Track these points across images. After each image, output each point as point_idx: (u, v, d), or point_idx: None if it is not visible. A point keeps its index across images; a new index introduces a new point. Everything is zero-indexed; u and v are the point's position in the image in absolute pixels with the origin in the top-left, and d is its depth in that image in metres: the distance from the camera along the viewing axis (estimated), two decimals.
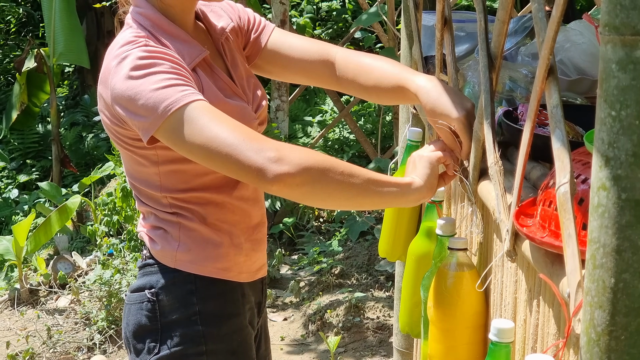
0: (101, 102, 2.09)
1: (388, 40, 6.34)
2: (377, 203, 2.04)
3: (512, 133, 2.13)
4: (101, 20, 9.34)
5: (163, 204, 2.15)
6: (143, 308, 2.17)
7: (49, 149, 8.41)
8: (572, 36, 2.65)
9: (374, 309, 5.28)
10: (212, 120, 1.91)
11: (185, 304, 2.15)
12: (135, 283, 2.23)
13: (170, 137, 1.95)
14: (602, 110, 1.09)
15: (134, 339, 2.20)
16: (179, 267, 2.15)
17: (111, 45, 2.10)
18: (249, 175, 1.87)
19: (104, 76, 2.06)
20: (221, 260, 2.17)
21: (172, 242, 2.15)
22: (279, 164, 1.85)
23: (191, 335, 2.14)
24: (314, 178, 1.89)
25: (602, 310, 1.12)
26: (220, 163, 1.90)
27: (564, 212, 1.36)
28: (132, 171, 2.16)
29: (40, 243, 5.95)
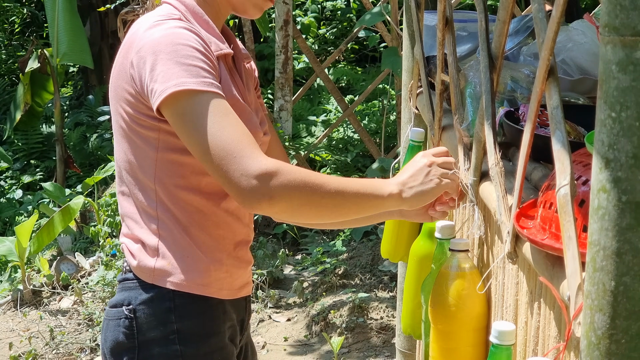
0: (119, 69, 2.05)
1: (392, 39, 6.33)
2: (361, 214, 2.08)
3: (513, 134, 2.12)
4: (105, 20, 9.35)
5: (150, 198, 2.07)
6: (120, 325, 2.11)
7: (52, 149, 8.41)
8: (575, 36, 2.64)
9: (377, 310, 5.27)
10: (224, 118, 1.92)
11: (163, 322, 2.08)
12: (114, 298, 2.16)
13: (178, 115, 1.94)
14: (602, 111, 1.09)
15: (111, 356, 2.14)
16: (157, 283, 2.08)
17: (139, 20, 2.09)
18: (230, 189, 1.91)
19: (129, 42, 2.03)
20: (201, 275, 2.09)
21: (149, 256, 2.08)
22: (258, 194, 1.88)
23: (169, 354, 2.08)
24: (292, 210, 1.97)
25: (603, 313, 1.11)
26: (211, 164, 1.91)
27: (564, 214, 1.35)
28: (129, 156, 2.08)
29: (44, 244, 5.95)
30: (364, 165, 7.74)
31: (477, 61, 2.44)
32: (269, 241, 6.30)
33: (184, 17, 2.06)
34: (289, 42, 6.73)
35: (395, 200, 2.03)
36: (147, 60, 1.95)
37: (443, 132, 2.59)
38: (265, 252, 5.95)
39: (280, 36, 6.71)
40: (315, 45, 9.73)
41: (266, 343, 5.13)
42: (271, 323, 5.38)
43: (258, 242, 6.11)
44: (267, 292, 5.63)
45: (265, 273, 5.73)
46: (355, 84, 9.26)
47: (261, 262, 5.88)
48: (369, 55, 9.93)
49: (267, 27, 6.91)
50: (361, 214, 2.07)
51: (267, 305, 5.56)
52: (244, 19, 6.79)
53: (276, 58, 6.83)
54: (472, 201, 2.10)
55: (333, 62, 9.14)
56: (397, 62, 5.38)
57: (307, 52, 6.98)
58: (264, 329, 5.31)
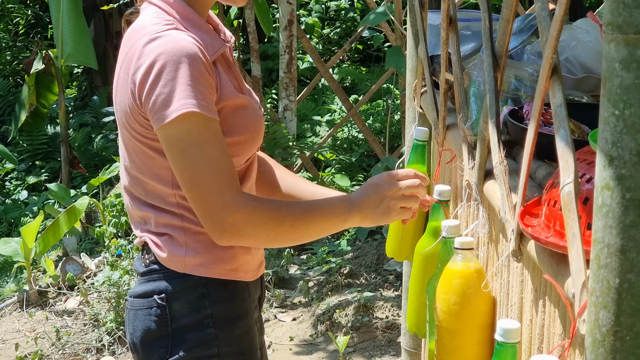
0: (121, 85, 2.08)
1: (395, 39, 6.33)
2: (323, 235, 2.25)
3: (517, 132, 2.12)
4: (109, 21, 9.35)
5: (170, 203, 2.12)
6: (152, 314, 2.16)
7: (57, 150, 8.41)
8: (578, 34, 2.64)
9: (383, 309, 5.27)
10: (211, 149, 1.99)
11: (197, 308, 2.14)
12: (138, 288, 2.20)
13: (165, 145, 2.01)
14: (606, 109, 1.09)
15: (142, 345, 2.19)
16: (188, 272, 2.13)
17: (134, 29, 2.09)
18: (201, 220, 2.04)
19: (129, 57, 2.04)
20: (230, 261, 2.16)
21: (179, 247, 2.13)
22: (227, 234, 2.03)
23: (203, 339, 2.14)
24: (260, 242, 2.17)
25: (607, 310, 1.11)
26: (185, 189, 2.03)
27: (569, 211, 1.36)
28: (142, 166, 2.12)
29: (49, 244, 5.95)
30: (368, 164, 7.74)
31: (481, 60, 2.44)
32: None
33: (175, 20, 2.07)
34: (293, 42, 6.74)
35: (354, 222, 2.16)
36: (148, 80, 1.97)
37: (447, 131, 2.59)
38: (270, 251, 5.96)
39: (285, 36, 6.71)
40: (319, 45, 9.74)
41: (272, 343, 5.13)
42: (277, 323, 5.39)
43: None
44: (272, 291, 5.63)
45: (270, 273, 5.73)
46: (360, 83, 9.26)
47: (266, 262, 5.88)
48: (373, 54, 9.93)
49: (271, 27, 6.91)
50: (324, 235, 2.25)
51: (272, 305, 5.56)
52: (248, 19, 6.79)
53: (280, 58, 6.83)
54: (477, 200, 2.10)
55: (337, 62, 9.14)
56: (401, 62, 5.38)
57: (311, 52, 6.99)
58: (270, 328, 5.32)
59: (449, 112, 2.61)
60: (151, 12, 2.10)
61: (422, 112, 3.15)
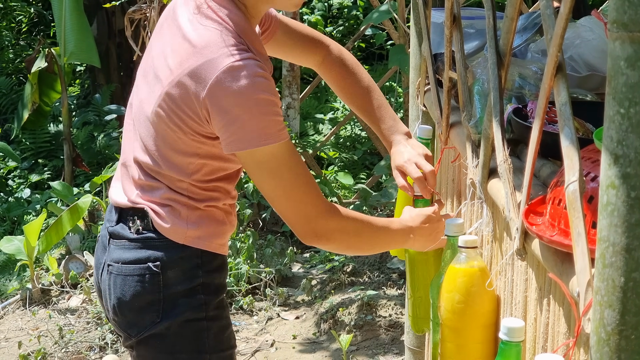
0: (178, 88, 2.15)
1: (399, 37, 6.32)
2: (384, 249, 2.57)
3: (521, 130, 2.12)
4: (112, 19, 9.33)
5: (180, 187, 2.25)
6: (145, 280, 2.27)
7: (60, 148, 8.40)
8: (582, 32, 2.64)
9: (386, 307, 5.27)
10: (296, 166, 2.18)
11: (191, 277, 2.28)
12: (128, 254, 2.29)
13: (251, 164, 2.17)
14: (611, 107, 1.09)
15: (131, 310, 2.29)
16: (187, 243, 2.27)
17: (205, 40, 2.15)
18: (292, 228, 2.25)
19: (201, 68, 2.11)
20: (222, 236, 2.33)
21: (181, 220, 2.26)
22: (317, 237, 2.24)
23: (193, 303, 2.28)
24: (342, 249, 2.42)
25: (612, 309, 1.11)
26: (277, 204, 2.22)
27: (573, 210, 1.36)
28: (166, 154, 2.23)
29: (52, 243, 5.95)
30: (371, 162, 7.73)
31: (485, 58, 2.44)
32: (277, 239, 6.30)
33: (244, 43, 2.16)
34: None
35: (408, 246, 2.46)
36: (227, 109, 2.09)
37: (451, 129, 2.59)
38: (273, 250, 5.95)
39: None
40: None
41: (275, 341, 5.13)
42: (280, 321, 5.39)
43: (266, 240, 6.12)
44: (275, 290, 5.63)
45: (273, 271, 5.73)
46: None
47: (269, 260, 5.88)
48: (375, 53, 9.92)
49: None
50: (384, 251, 2.57)
51: (275, 303, 5.56)
52: None
53: None
54: (481, 198, 2.10)
55: None
56: (405, 60, 5.37)
57: None
58: (273, 326, 5.31)
59: (452, 110, 2.61)
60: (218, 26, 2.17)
61: (426, 110, 3.15)
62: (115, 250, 2.32)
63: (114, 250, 2.33)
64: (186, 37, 2.18)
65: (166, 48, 2.24)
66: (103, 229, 2.41)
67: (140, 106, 2.29)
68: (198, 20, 2.19)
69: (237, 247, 5.81)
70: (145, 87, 2.29)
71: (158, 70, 2.23)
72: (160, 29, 2.33)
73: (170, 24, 2.28)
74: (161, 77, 2.21)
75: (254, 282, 5.70)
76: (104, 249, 2.37)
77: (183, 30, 2.20)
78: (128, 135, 2.36)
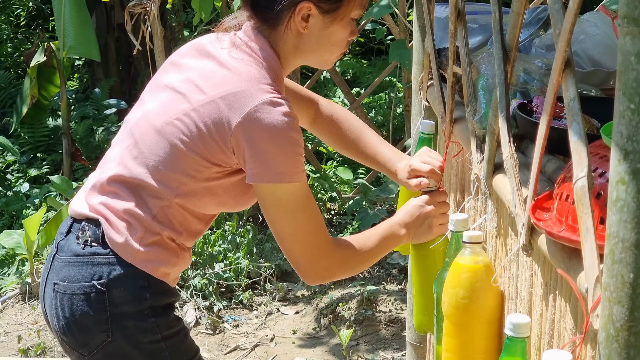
0: (210, 108, 2.18)
1: (399, 32, 6.31)
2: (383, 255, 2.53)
3: (526, 126, 2.11)
4: (111, 13, 9.32)
5: (154, 205, 2.24)
6: (91, 299, 2.24)
7: (59, 142, 8.39)
8: (587, 27, 2.64)
9: (386, 302, 5.27)
10: (311, 209, 2.24)
11: (138, 298, 2.25)
12: (72, 271, 2.27)
13: (269, 199, 2.21)
14: (621, 103, 1.08)
15: (80, 330, 2.26)
16: (134, 263, 2.24)
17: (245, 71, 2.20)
18: (296, 269, 2.31)
19: (239, 95, 2.15)
20: (170, 267, 2.30)
21: (135, 239, 2.24)
22: (318, 277, 2.32)
23: (145, 327, 2.26)
24: (344, 277, 2.48)
25: (621, 305, 1.11)
26: (286, 242, 2.26)
27: (582, 206, 1.35)
28: (164, 166, 2.22)
29: (52, 237, 5.93)
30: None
31: (489, 53, 2.43)
32: None
33: (273, 81, 2.21)
34: None
35: (404, 241, 2.48)
36: (259, 140, 2.13)
37: (455, 124, 2.59)
38: (273, 244, 5.95)
39: None
40: None
41: (275, 336, 5.13)
42: (280, 316, 5.39)
43: (266, 235, 6.12)
44: (275, 285, 5.63)
45: (273, 266, 5.73)
46: (362, 76, 9.25)
47: (269, 255, 5.88)
48: (374, 47, 9.91)
49: None
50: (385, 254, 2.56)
51: (275, 298, 5.56)
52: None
53: None
54: (485, 194, 2.10)
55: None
56: (405, 55, 5.37)
57: None
58: (273, 321, 5.32)
59: (455, 105, 2.60)
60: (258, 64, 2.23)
61: (428, 105, 3.14)
62: (61, 267, 2.30)
63: (59, 268, 2.30)
64: (224, 65, 2.22)
65: (192, 73, 2.26)
66: (53, 244, 2.38)
67: (146, 117, 2.28)
68: (234, 54, 2.24)
69: (236, 242, 5.81)
70: (154, 102, 2.30)
71: (182, 89, 2.25)
72: (177, 60, 2.36)
73: (196, 55, 2.31)
74: (188, 96, 2.21)
75: (253, 277, 5.70)
76: (48, 263, 2.35)
77: (219, 60, 2.24)
78: (112, 149, 2.37)
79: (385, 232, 2.43)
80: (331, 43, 2.28)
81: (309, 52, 2.30)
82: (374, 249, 2.40)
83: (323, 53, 2.31)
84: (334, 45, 2.29)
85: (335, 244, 2.31)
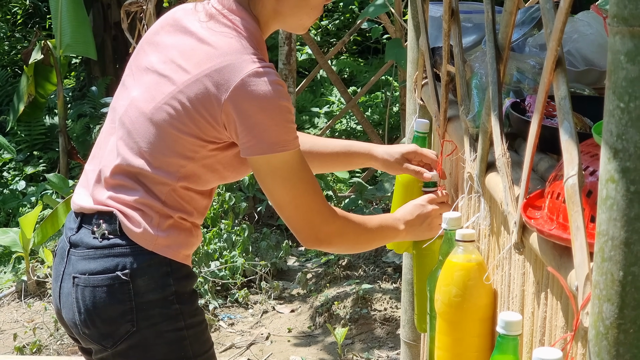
0: (197, 88, 2.17)
1: (395, 31, 6.32)
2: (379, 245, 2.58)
3: (519, 125, 2.12)
4: (107, 12, 9.32)
5: (161, 191, 2.24)
6: (115, 290, 2.22)
7: (55, 140, 8.40)
8: (580, 27, 2.64)
9: (381, 301, 5.27)
10: (306, 174, 2.24)
11: (162, 285, 2.24)
12: (94, 264, 2.24)
13: (264, 170, 2.21)
14: (611, 102, 1.09)
15: (104, 321, 2.24)
16: (156, 251, 2.24)
17: (226, 45, 2.20)
18: (296, 233, 2.32)
19: (224, 71, 2.15)
20: (188, 247, 2.31)
21: (152, 226, 2.23)
22: (319, 242, 2.32)
23: (170, 314, 2.25)
24: (341, 250, 2.51)
25: (611, 303, 1.11)
26: (285, 210, 2.27)
27: (572, 204, 1.36)
28: (158, 153, 2.22)
29: (48, 235, 5.94)
30: None
31: (483, 52, 2.44)
32: (272, 232, 6.30)
33: (258, 53, 2.20)
34: (293, 34, 6.72)
35: (402, 237, 2.51)
36: (249, 113, 2.14)
37: (448, 123, 2.59)
38: (268, 243, 5.96)
39: None
40: (317, 36, 9.72)
41: (270, 334, 5.13)
42: (275, 314, 5.39)
43: (262, 233, 6.12)
44: (270, 283, 5.63)
45: (269, 264, 5.73)
46: (358, 75, 9.25)
47: (265, 254, 5.88)
48: (371, 46, 9.91)
49: None
50: (378, 246, 2.60)
51: (270, 297, 5.57)
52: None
53: (279, 49, 6.82)
54: (478, 192, 2.10)
55: (335, 54, 9.13)
56: (401, 54, 5.37)
57: (310, 44, 6.98)
58: (268, 320, 5.32)
59: (450, 104, 2.61)
60: (237, 34, 2.22)
61: (423, 104, 3.15)
62: (79, 261, 2.27)
63: (77, 261, 2.27)
64: (204, 40, 2.21)
65: (172, 52, 2.25)
66: (62, 240, 2.36)
67: (134, 105, 2.27)
68: (213, 27, 2.22)
69: (232, 240, 5.81)
70: (138, 88, 2.28)
71: (165, 71, 2.23)
72: (153, 39, 2.34)
73: (171, 30, 2.30)
74: (173, 78, 2.21)
75: (249, 275, 5.70)
76: (62, 259, 2.32)
77: (198, 35, 2.22)
78: (104, 139, 2.35)
79: (384, 221, 2.47)
80: (310, 6, 2.28)
81: (288, 16, 2.29)
82: (373, 230, 2.42)
83: (302, 16, 2.30)
84: (312, 8, 2.28)
85: (335, 212, 2.32)
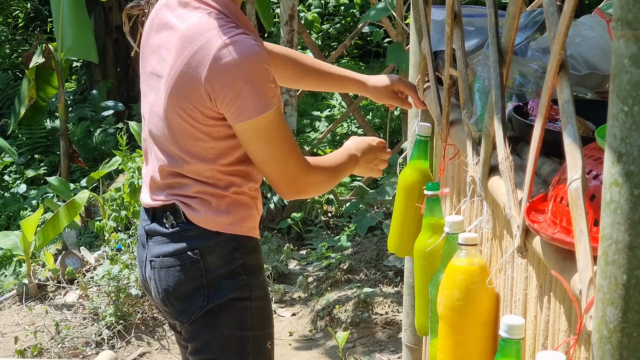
0: (184, 78, 2.29)
1: (396, 35, 6.32)
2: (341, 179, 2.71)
3: (522, 128, 2.12)
4: (109, 15, 9.33)
5: (206, 176, 2.40)
6: (187, 268, 2.43)
7: (57, 144, 8.40)
8: (583, 31, 2.64)
9: (382, 305, 5.27)
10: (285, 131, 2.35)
11: (230, 260, 2.43)
12: (167, 247, 2.46)
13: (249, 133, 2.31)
14: (615, 105, 1.09)
15: (179, 298, 2.45)
16: (220, 230, 2.42)
17: (195, 27, 2.30)
18: (277, 187, 2.42)
19: (199, 56, 2.26)
20: (251, 220, 2.48)
21: (212, 209, 2.41)
22: (298, 192, 2.46)
23: (237, 284, 2.44)
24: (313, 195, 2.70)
25: (614, 307, 1.11)
26: (267, 166, 2.38)
27: (576, 208, 1.36)
28: (187, 146, 2.37)
29: (49, 238, 5.94)
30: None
31: (486, 56, 2.44)
32: (273, 236, 6.30)
33: (232, 21, 2.31)
34: (294, 37, 6.73)
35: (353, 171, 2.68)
36: (229, 84, 2.24)
37: (451, 126, 2.59)
38: (270, 246, 5.95)
39: (285, 31, 6.70)
40: (318, 40, 9.72)
41: None
42: (276, 318, 5.39)
43: (263, 237, 6.11)
44: (272, 286, 5.63)
45: (270, 268, 5.73)
46: None
47: (266, 257, 5.88)
48: (372, 50, 9.92)
49: (271, 22, 6.90)
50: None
51: (272, 300, 5.56)
52: (249, 14, 6.78)
53: None
54: (481, 196, 2.10)
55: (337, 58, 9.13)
56: (403, 57, 5.38)
57: (312, 47, 6.98)
58: None
59: (452, 107, 2.61)
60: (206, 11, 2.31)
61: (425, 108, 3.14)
62: (155, 246, 2.49)
63: (153, 247, 2.50)
64: (178, 31, 2.31)
65: (160, 50, 2.38)
66: (140, 229, 2.58)
67: (152, 111, 2.42)
68: (184, 14, 2.33)
69: None
70: (152, 93, 2.42)
71: (159, 71, 2.37)
72: (148, 42, 2.46)
73: (157, 30, 2.42)
74: (163, 75, 2.34)
75: None
76: (143, 246, 2.54)
77: (174, 27, 2.34)
78: (144, 145, 2.53)
79: (347, 161, 2.63)
80: None
81: None
82: (339, 171, 2.58)
83: None
84: None
85: (309, 163, 2.45)
